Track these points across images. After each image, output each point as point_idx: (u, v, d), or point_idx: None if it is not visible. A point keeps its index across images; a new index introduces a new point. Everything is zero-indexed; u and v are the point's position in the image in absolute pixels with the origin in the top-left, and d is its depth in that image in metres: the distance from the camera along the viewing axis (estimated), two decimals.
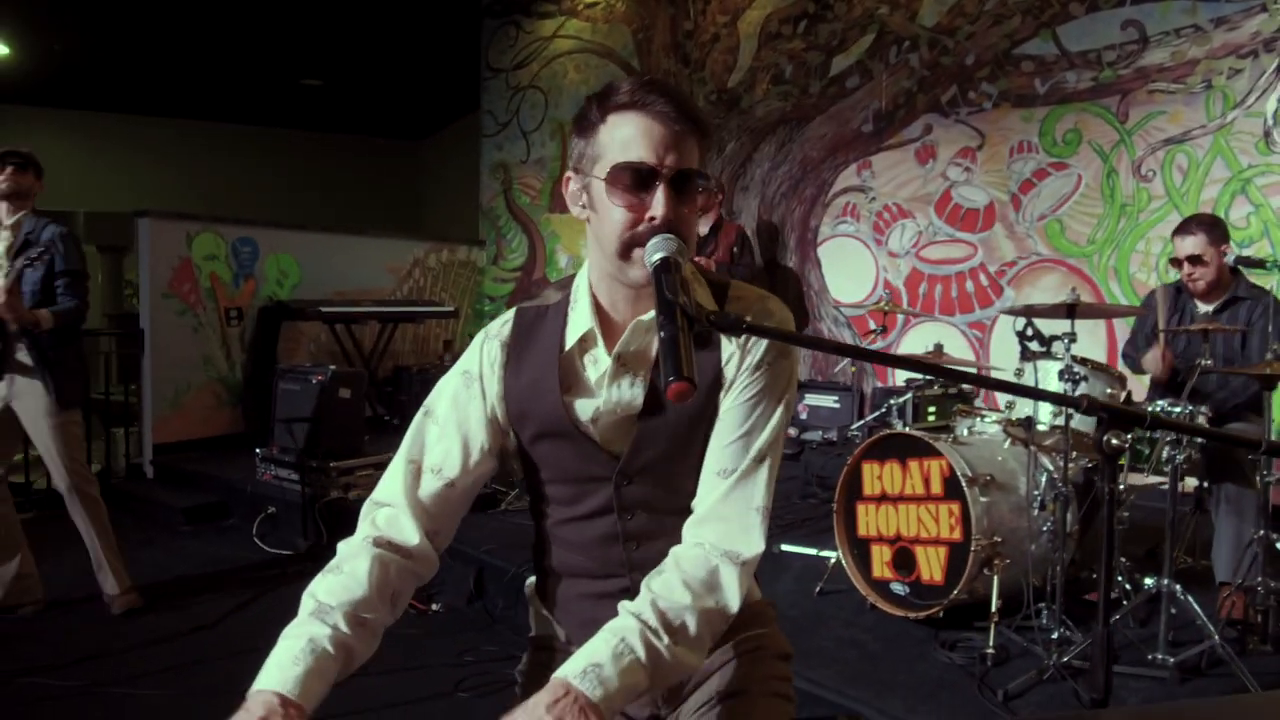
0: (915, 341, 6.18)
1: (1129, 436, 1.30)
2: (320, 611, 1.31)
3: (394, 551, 1.40)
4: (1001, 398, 3.48)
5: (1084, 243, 5.49)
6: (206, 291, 6.65)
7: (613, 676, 1.20)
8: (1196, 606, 2.93)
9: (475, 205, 9.31)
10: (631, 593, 1.47)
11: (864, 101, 6.44)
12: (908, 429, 3.51)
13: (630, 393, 1.42)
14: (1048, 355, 3.26)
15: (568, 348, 1.43)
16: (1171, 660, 2.87)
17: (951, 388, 4.34)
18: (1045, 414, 3.22)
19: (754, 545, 1.37)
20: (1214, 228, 3.61)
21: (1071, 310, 3.03)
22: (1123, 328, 4.90)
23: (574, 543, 1.50)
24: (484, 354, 1.47)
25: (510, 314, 1.51)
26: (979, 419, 3.79)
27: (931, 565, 3.23)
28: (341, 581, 1.35)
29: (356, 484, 5.13)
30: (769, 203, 7.02)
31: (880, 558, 3.37)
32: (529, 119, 8.70)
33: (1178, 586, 2.95)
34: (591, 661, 1.21)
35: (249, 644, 1.53)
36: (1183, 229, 3.66)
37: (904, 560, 3.32)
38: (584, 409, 1.43)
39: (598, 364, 1.43)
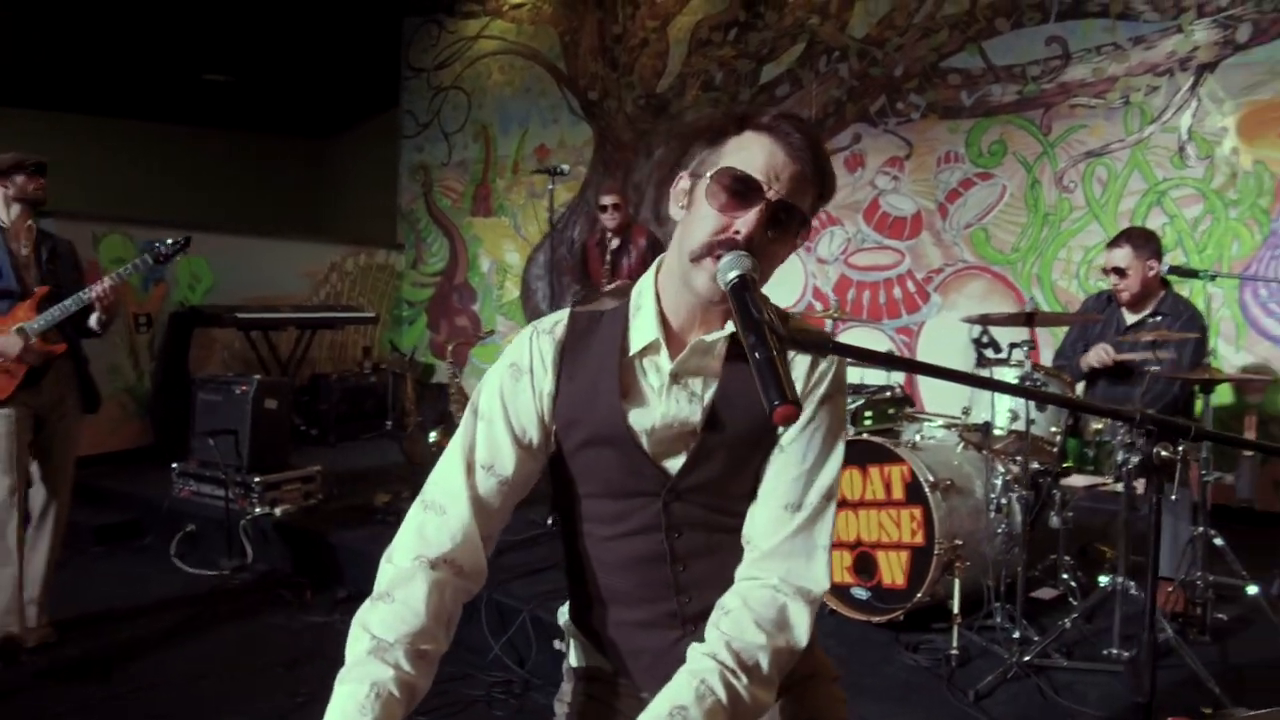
0: None
1: (1179, 448, 1.32)
2: (379, 650, 1.23)
3: (448, 569, 1.32)
4: (957, 402, 3.54)
5: (1008, 251, 5.65)
6: None
7: (699, 719, 1.19)
8: (1146, 604, 3.01)
9: (394, 207, 9.08)
10: (679, 617, 1.42)
11: (794, 109, 6.49)
12: (865, 435, 3.53)
13: (688, 408, 1.37)
14: (1004, 362, 3.32)
15: (631, 353, 1.37)
16: (1125, 654, 2.95)
17: (886, 393, 4.40)
18: (1002, 419, 3.28)
19: (822, 582, 1.36)
20: (1144, 243, 3.72)
21: (1030, 319, 3.09)
22: (1046, 335, 5.04)
23: (615, 564, 1.43)
24: (535, 347, 1.40)
25: (563, 314, 1.43)
26: (925, 424, 3.86)
27: (893, 569, 3.26)
28: (397, 612, 1.26)
29: (283, 499, 4.92)
30: None
31: (840, 563, 3.38)
32: (451, 120, 8.54)
33: (1131, 583, 3.04)
34: (676, 704, 1.21)
35: (178, 675, 1.41)
36: (1114, 241, 3.78)
37: (864, 565, 3.33)
38: (641, 419, 1.36)
39: (660, 372, 1.37)
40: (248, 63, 9.59)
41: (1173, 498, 3.30)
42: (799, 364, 1.38)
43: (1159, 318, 3.59)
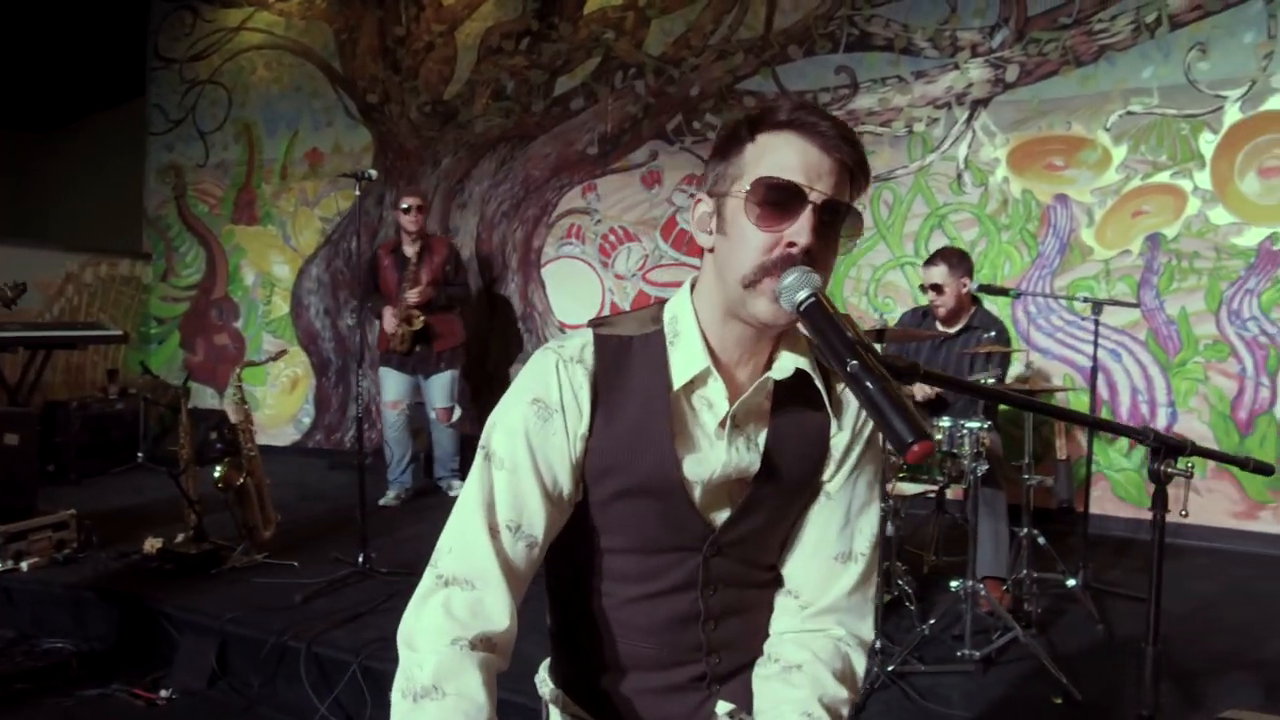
0: None
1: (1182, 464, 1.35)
2: None
3: (489, 649, 1.13)
4: None
5: None
6: None
7: None
8: (997, 603, 3.18)
9: (139, 212, 8.13)
10: (708, 680, 1.29)
11: (589, 124, 6.45)
12: None
13: (747, 455, 1.23)
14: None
15: (677, 387, 1.20)
16: (977, 654, 3.08)
17: None
18: None
19: (872, 630, 1.33)
20: (958, 262, 3.96)
21: (881, 335, 3.17)
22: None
23: (641, 626, 1.26)
24: (565, 380, 1.20)
25: (587, 337, 1.24)
26: None
27: None
28: (455, 707, 1.06)
29: (31, 551, 4.20)
30: (489, 221, 6.81)
31: None
32: (208, 118, 7.78)
33: (980, 586, 3.18)
34: None
35: None
36: (930, 260, 4.00)
37: None
38: (695, 467, 1.21)
39: (713, 410, 1.21)
40: None
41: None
42: (850, 404, 1.28)
43: (990, 334, 3.82)
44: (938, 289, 3.92)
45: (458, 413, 5.65)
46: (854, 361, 1.00)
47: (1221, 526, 4.82)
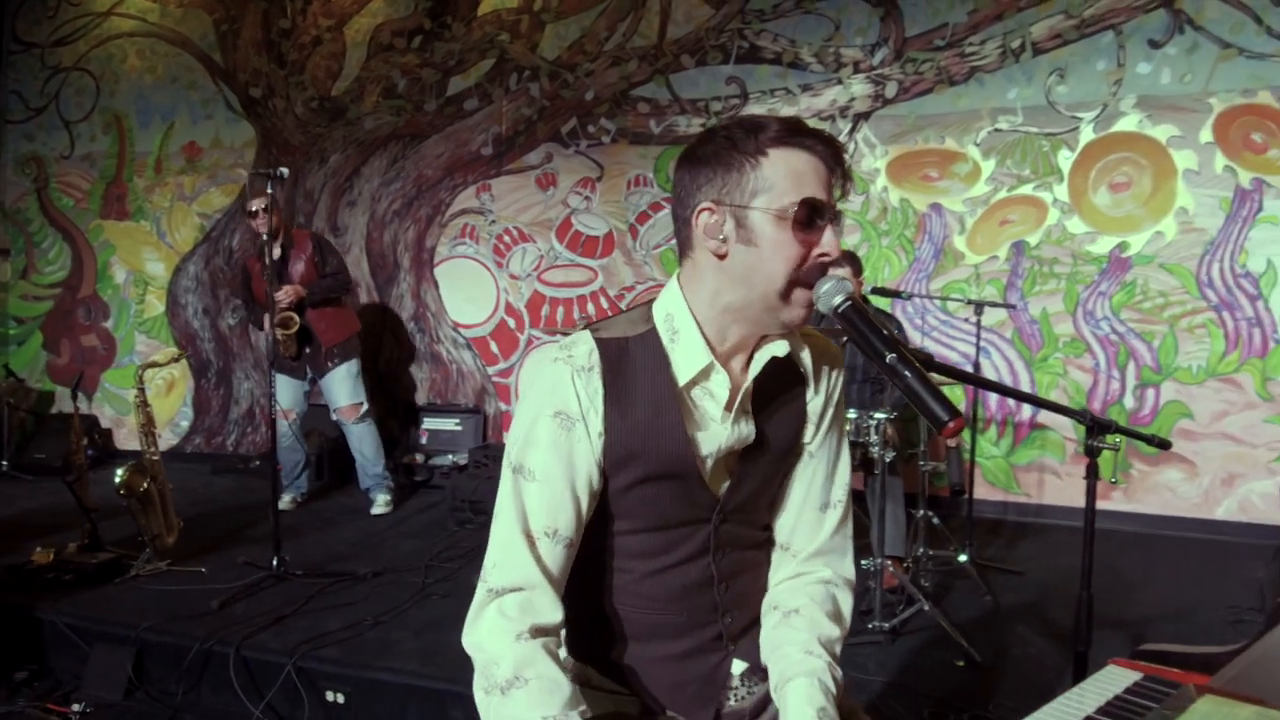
0: None
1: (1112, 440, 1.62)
2: None
3: (548, 635, 1.27)
4: None
5: None
6: None
7: (835, 714, 1.31)
8: (904, 578, 3.48)
9: None
10: (724, 638, 1.43)
11: (483, 125, 6.50)
12: None
13: (747, 429, 1.39)
14: None
15: (682, 383, 1.33)
16: (885, 626, 3.36)
17: None
18: None
19: (853, 568, 1.51)
20: (853, 262, 4.26)
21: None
22: None
23: (661, 597, 1.40)
24: (580, 388, 1.31)
25: (588, 342, 1.34)
26: None
27: None
28: (542, 688, 1.19)
29: None
30: (380, 220, 6.76)
31: None
32: (73, 107, 7.39)
33: (888, 563, 3.47)
34: (818, 707, 1.30)
35: None
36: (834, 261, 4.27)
37: None
38: (705, 445, 1.36)
39: (714, 399, 1.36)
40: None
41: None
42: (822, 372, 1.45)
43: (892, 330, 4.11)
44: None
45: (365, 408, 5.38)
46: (892, 355, 1.18)
47: (1078, 506, 5.28)
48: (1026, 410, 5.41)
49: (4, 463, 6.40)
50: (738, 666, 1.46)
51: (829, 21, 5.69)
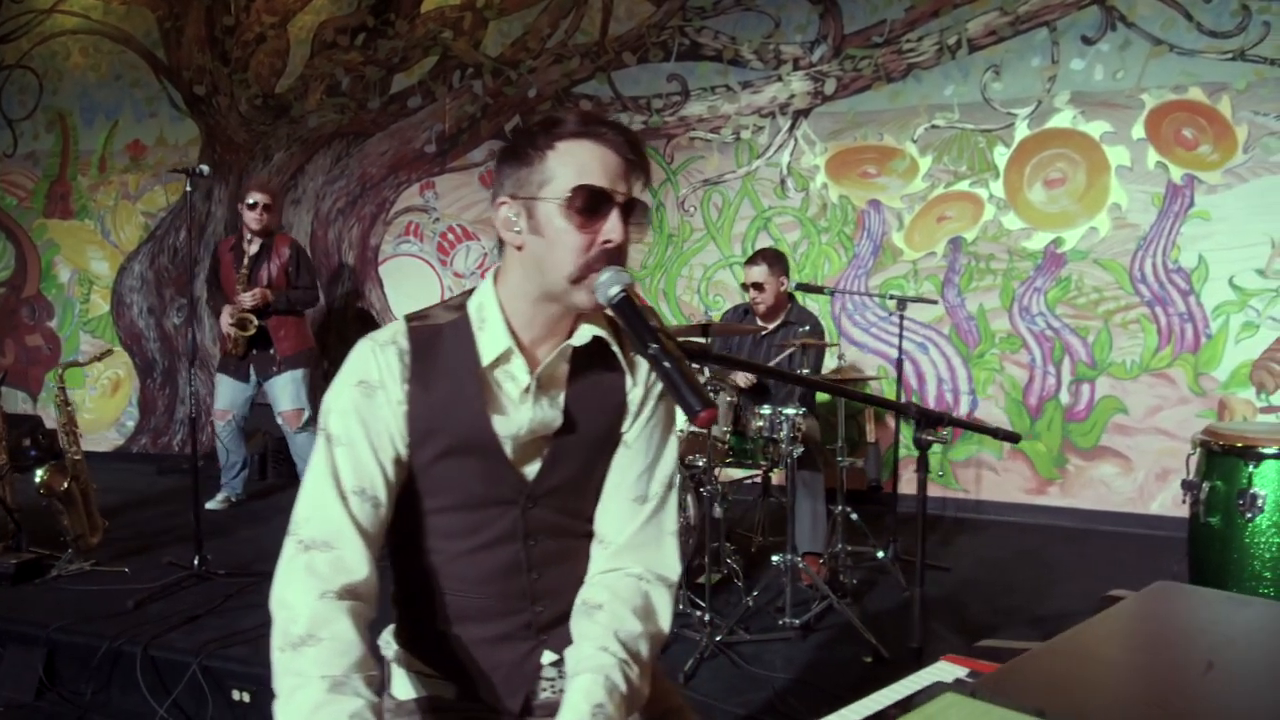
0: None
1: (942, 433, 1.60)
2: (337, 686, 1.17)
3: (355, 598, 1.27)
4: None
5: (638, 268, 6.09)
6: None
7: (614, 714, 1.27)
8: (815, 575, 3.47)
9: None
10: (534, 627, 1.43)
11: (427, 122, 6.47)
12: None
13: (550, 412, 1.40)
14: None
15: (484, 364, 1.37)
16: (796, 622, 3.36)
17: None
18: (680, 422, 3.57)
19: (676, 567, 1.47)
20: (776, 261, 4.25)
21: (706, 330, 3.40)
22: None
23: (470, 579, 1.41)
24: (380, 361, 1.35)
25: (399, 326, 1.40)
26: None
27: None
28: (332, 648, 1.20)
29: None
30: (324, 218, 6.73)
31: None
32: (17, 105, 7.34)
33: (800, 560, 3.46)
34: (594, 703, 1.26)
35: None
36: (751, 260, 4.27)
37: None
38: (504, 425, 1.37)
39: (515, 381, 1.39)
40: None
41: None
42: (641, 365, 1.46)
43: (804, 327, 4.12)
44: (758, 287, 4.19)
45: (307, 414, 5.27)
46: (654, 345, 1.20)
47: (1015, 501, 5.33)
48: (964, 405, 5.42)
49: None
50: (547, 658, 1.45)
51: (769, 19, 5.69)
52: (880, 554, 4.07)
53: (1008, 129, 5.27)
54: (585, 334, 1.40)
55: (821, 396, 4.77)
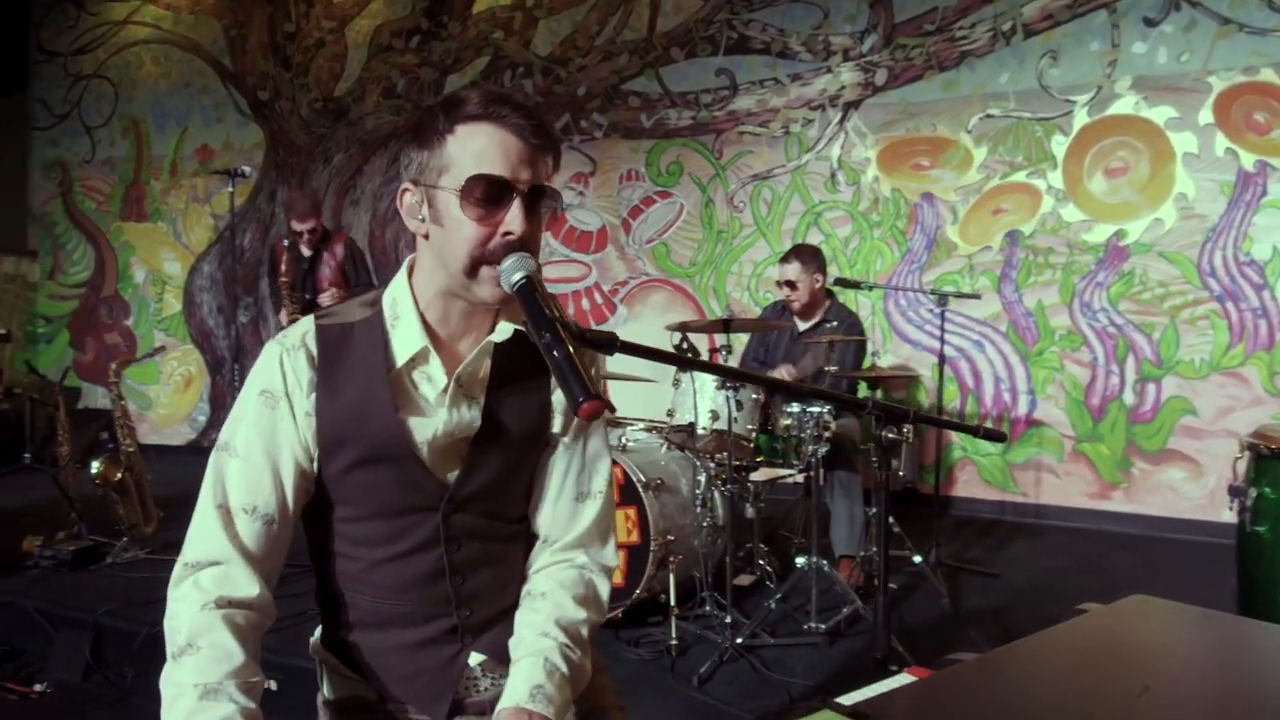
0: None
1: (906, 430, 1.52)
2: (209, 693, 1.15)
3: (239, 607, 1.23)
4: (662, 406, 3.73)
5: (687, 264, 6.03)
6: None
7: (554, 693, 1.26)
8: (841, 579, 3.37)
9: (24, 209, 7.94)
10: (460, 632, 1.39)
11: None
12: None
13: (469, 414, 1.34)
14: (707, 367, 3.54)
15: (398, 365, 1.31)
16: (823, 627, 3.26)
17: None
18: (704, 420, 3.51)
19: (615, 557, 1.47)
20: (811, 258, 4.13)
21: (727, 325, 3.33)
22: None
23: (391, 586, 1.36)
24: (287, 368, 1.30)
25: (308, 326, 1.33)
26: (628, 428, 4.02)
27: None
28: (209, 655, 1.17)
29: None
30: (381, 218, 6.84)
31: None
32: (94, 113, 7.64)
33: (824, 563, 3.36)
34: (532, 684, 1.26)
35: None
36: (785, 257, 4.17)
37: None
38: (420, 430, 1.31)
39: (432, 383, 1.32)
40: None
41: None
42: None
43: (832, 324, 4.01)
44: (791, 284, 4.09)
45: None
46: (546, 335, 1.13)
47: (1076, 506, 5.11)
48: (1023, 406, 5.22)
49: (26, 455, 6.61)
50: (475, 658, 1.41)
51: (818, 9, 5.57)
52: (917, 558, 3.93)
53: (1066, 117, 5.06)
54: (506, 329, 1.33)
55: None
